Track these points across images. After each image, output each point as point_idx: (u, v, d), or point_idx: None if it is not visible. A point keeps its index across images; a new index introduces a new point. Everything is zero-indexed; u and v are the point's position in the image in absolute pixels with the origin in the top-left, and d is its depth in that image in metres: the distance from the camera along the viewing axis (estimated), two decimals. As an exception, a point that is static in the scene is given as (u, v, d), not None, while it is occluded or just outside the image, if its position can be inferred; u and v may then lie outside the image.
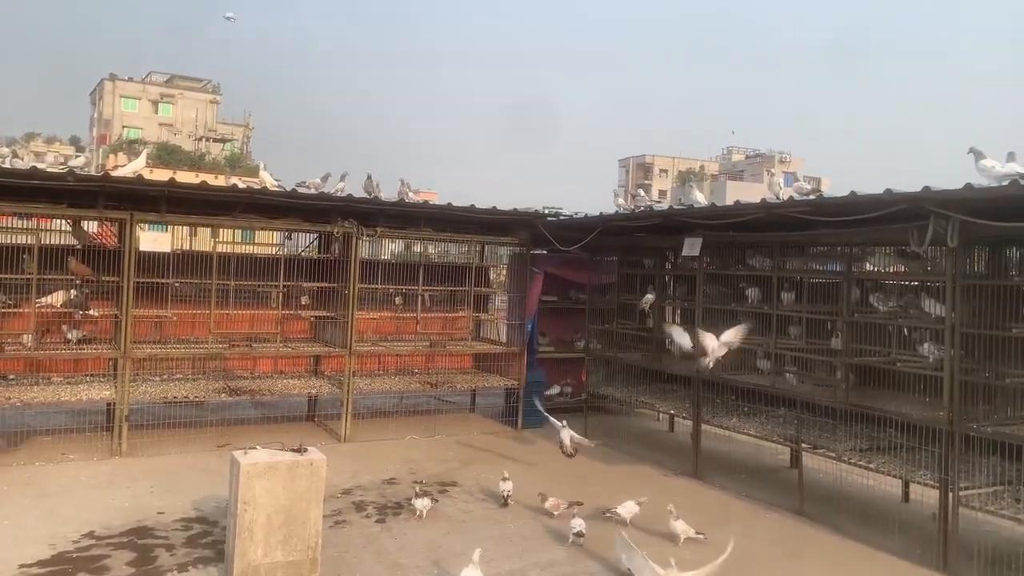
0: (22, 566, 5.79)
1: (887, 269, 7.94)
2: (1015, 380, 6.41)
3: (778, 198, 8.12)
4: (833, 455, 7.52)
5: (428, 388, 11.23)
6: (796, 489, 7.96)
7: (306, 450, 5.81)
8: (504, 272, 13.13)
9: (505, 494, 7.70)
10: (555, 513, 7.31)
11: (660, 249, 10.91)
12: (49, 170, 9.43)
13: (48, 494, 7.53)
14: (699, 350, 8.10)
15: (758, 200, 8.09)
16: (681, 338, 9.35)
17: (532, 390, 11.47)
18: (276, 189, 9.92)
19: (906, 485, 8.02)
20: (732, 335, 7.80)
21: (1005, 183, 5.63)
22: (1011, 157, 5.88)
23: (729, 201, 9.07)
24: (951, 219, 6.27)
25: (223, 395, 9.82)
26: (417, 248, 15.53)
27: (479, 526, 7.11)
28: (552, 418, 8.74)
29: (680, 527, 6.73)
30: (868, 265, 8.11)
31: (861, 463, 7.27)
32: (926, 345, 7.02)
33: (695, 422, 9.21)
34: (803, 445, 7.90)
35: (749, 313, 8.97)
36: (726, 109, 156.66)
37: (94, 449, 9.06)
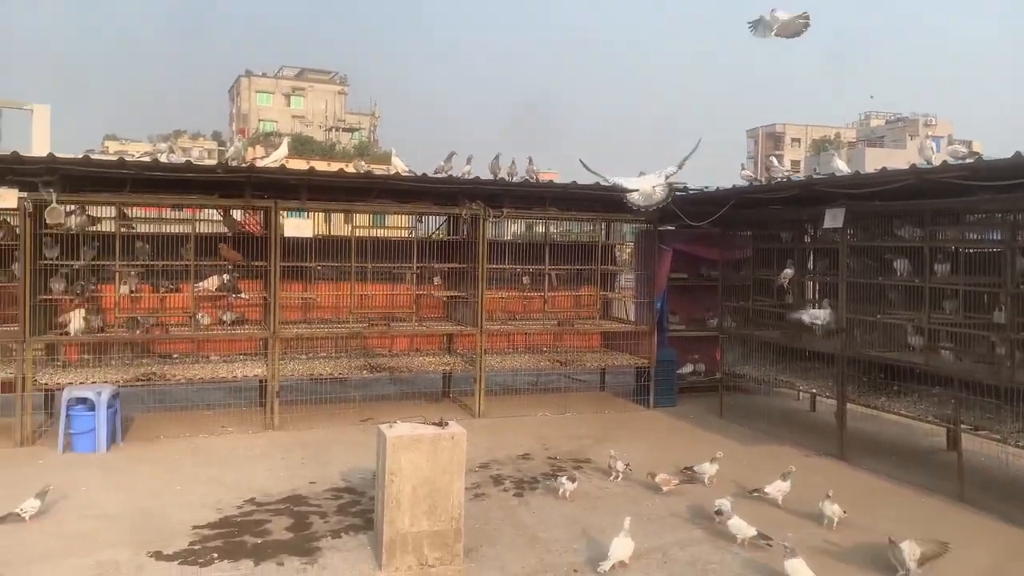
0: (195, 527, 6.29)
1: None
2: None
3: (930, 163, 7.58)
4: (998, 437, 7.00)
5: (557, 366, 11.30)
6: (954, 473, 7.46)
7: (447, 424, 5.97)
8: (630, 250, 12.98)
9: (619, 469, 7.75)
10: (665, 488, 7.20)
11: (798, 222, 10.43)
12: (201, 163, 10.13)
13: (212, 463, 8.14)
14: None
15: (906, 166, 7.59)
16: (815, 318, 8.99)
17: (663, 369, 11.36)
18: (407, 174, 10.20)
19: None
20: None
21: None
22: None
23: (869, 169, 8.57)
24: None
25: (364, 372, 10.27)
26: (539, 228, 15.62)
27: (615, 503, 7.11)
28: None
29: (835, 510, 6.46)
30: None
31: (1031, 447, 6.74)
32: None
33: (840, 401, 8.80)
34: (962, 426, 7.39)
35: (898, 287, 8.48)
36: (861, 73, 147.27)
37: (249, 423, 9.71)
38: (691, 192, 11.12)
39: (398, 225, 12.93)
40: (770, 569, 5.61)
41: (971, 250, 8.12)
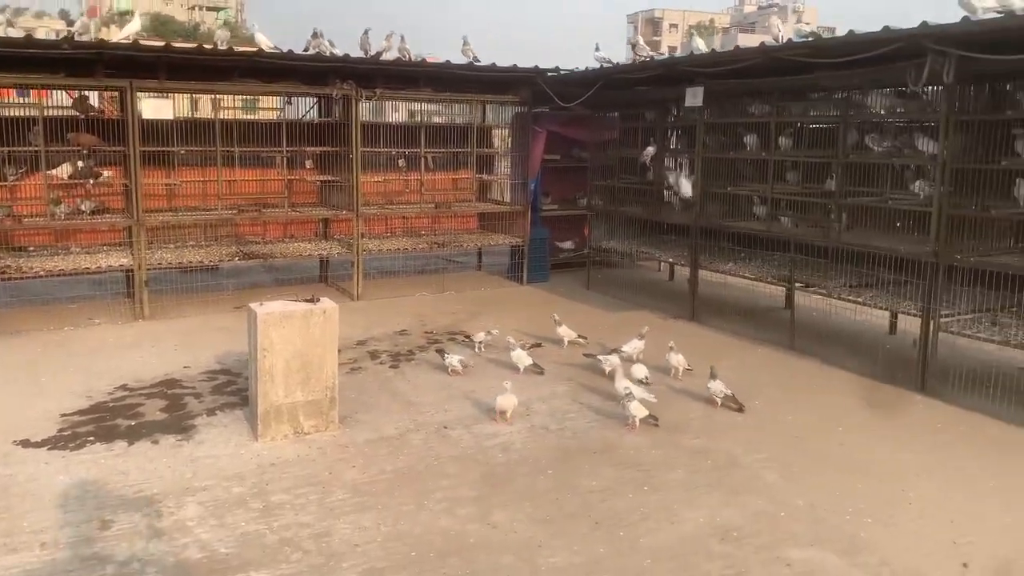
0: (63, 415, 6.25)
1: (885, 110, 7.90)
2: (1000, 211, 6.56)
3: (777, 41, 8.00)
4: (824, 292, 7.83)
5: (435, 248, 11.51)
6: (788, 326, 8.34)
7: (318, 300, 6.13)
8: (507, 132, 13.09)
9: (479, 340, 8.10)
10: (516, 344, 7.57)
11: (663, 102, 10.81)
12: (45, 38, 9.38)
13: (80, 353, 7.99)
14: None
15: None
16: (681, 184, 9.54)
17: (536, 247, 11.82)
18: (272, 51, 9.81)
19: (894, 317, 8.37)
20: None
21: (987, 16, 5.62)
22: (1003, -14, 5.78)
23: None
24: (948, 55, 6.23)
25: (236, 259, 10.16)
26: (424, 113, 15.43)
27: (485, 369, 7.54)
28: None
29: (680, 360, 7.17)
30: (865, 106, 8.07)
31: (850, 298, 7.59)
32: (918, 183, 7.15)
33: (692, 268, 9.50)
34: (796, 285, 8.21)
35: (747, 161, 9.07)
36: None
37: (118, 314, 9.49)
38: (562, 73, 11.27)
39: (272, 107, 12.40)
40: (619, 415, 6.22)
41: (813, 125, 8.72)
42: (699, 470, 5.40)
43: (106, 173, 9.67)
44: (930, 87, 6.91)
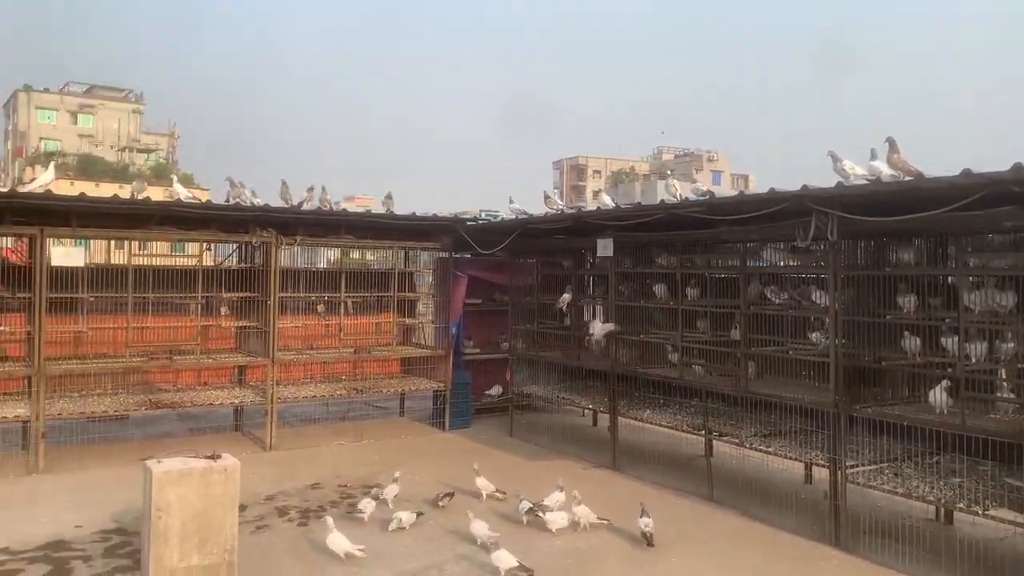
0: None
1: (782, 263, 8.35)
2: (891, 363, 6.89)
3: (676, 199, 8.52)
4: (737, 441, 7.93)
5: (354, 394, 11.31)
6: (708, 476, 8.34)
7: (220, 457, 5.89)
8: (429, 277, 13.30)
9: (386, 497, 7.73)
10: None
11: (579, 250, 11.25)
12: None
13: (-41, 514, 7.39)
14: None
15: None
16: (597, 329, 9.74)
17: (458, 392, 11.75)
18: (189, 200, 9.90)
19: (808, 467, 8.48)
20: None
21: (860, 182, 6.16)
22: (873, 155, 6.36)
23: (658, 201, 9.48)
24: (830, 215, 6.72)
25: (144, 408, 9.76)
26: (356, 255, 15.69)
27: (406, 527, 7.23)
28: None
29: (583, 511, 7.08)
30: (765, 260, 8.52)
31: (761, 448, 7.69)
32: (815, 334, 7.49)
33: (611, 415, 9.54)
34: (711, 433, 8.31)
35: (659, 309, 9.38)
36: (660, 108, 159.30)
37: (9, 468, 8.90)
38: (480, 222, 11.67)
39: (199, 253, 12.32)
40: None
41: (718, 275, 9.15)
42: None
43: (2, 327, 9.35)
44: (819, 243, 7.36)
